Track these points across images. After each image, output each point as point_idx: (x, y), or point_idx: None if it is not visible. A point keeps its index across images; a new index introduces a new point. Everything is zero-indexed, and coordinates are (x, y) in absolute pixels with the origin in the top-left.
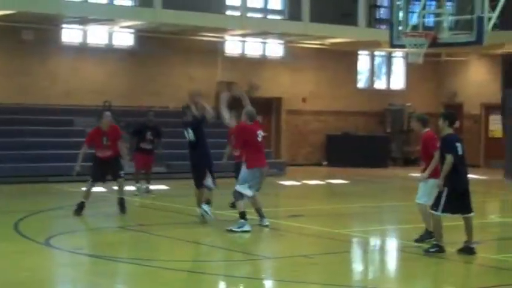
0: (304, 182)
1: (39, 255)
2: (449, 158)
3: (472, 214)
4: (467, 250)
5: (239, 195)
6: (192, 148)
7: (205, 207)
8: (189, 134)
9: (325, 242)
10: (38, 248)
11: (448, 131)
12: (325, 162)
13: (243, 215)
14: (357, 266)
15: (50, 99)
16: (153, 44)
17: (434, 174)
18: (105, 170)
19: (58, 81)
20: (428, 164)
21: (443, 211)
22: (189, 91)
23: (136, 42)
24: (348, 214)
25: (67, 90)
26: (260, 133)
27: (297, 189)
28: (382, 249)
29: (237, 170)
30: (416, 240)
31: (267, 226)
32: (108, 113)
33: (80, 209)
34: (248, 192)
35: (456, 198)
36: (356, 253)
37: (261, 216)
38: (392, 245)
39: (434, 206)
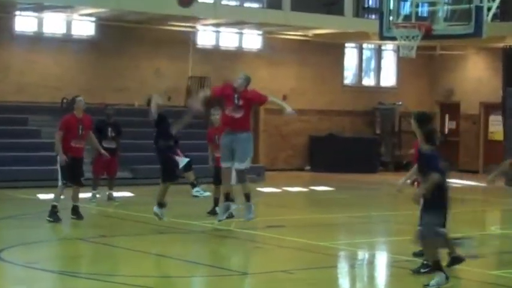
0: (285, 188)
1: None
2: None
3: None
4: (456, 260)
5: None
6: None
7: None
8: None
9: (308, 255)
10: None
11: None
12: (307, 167)
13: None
14: (343, 283)
15: (0, 95)
16: (117, 34)
17: None
18: (77, 170)
19: (10, 75)
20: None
21: None
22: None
23: (97, 32)
24: (333, 225)
25: (20, 85)
26: None
27: (277, 196)
28: (371, 264)
29: (216, 175)
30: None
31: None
32: (81, 98)
33: (54, 214)
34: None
35: None
36: (342, 268)
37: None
38: (381, 260)
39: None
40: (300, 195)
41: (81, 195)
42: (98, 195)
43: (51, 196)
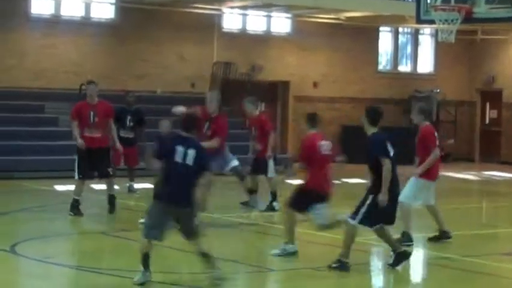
0: None
1: (3, 265)
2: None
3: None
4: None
5: None
6: None
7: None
8: None
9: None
10: (2, 255)
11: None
12: (339, 158)
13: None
14: (375, 281)
15: (16, 81)
16: (138, 18)
17: (426, 175)
18: (93, 164)
19: (26, 60)
20: (424, 160)
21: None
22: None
23: (117, 15)
24: None
25: (37, 71)
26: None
27: None
28: (407, 261)
29: (254, 166)
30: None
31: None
32: (93, 84)
33: (76, 208)
34: None
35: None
36: (374, 265)
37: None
38: (418, 256)
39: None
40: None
41: (97, 186)
42: (127, 184)
43: (68, 187)
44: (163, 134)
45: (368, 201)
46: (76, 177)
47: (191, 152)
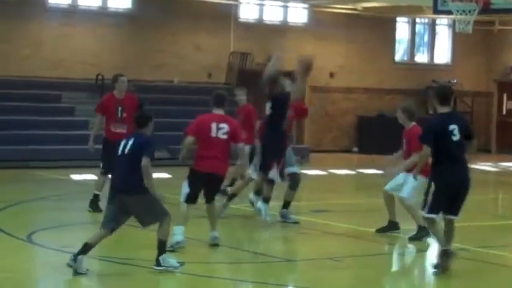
0: (331, 171)
1: (20, 254)
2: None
3: None
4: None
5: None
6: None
7: (260, 205)
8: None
9: (354, 242)
10: (19, 244)
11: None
12: (355, 149)
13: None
14: (392, 273)
15: (33, 71)
16: (155, 7)
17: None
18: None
19: (43, 50)
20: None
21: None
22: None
23: (134, 5)
24: (382, 210)
25: (53, 61)
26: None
27: (322, 179)
28: (422, 252)
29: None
30: (410, 238)
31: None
32: (124, 78)
33: (95, 204)
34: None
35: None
36: (391, 256)
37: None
38: (434, 248)
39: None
40: (347, 178)
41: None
42: None
43: (85, 177)
44: None
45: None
46: (100, 170)
47: (130, 142)
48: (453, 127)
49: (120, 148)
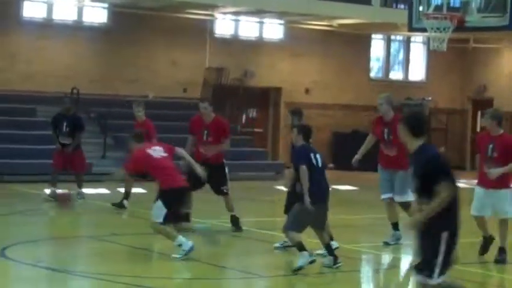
0: None
1: None
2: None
3: None
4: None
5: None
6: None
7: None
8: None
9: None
10: None
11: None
12: (331, 165)
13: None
14: None
15: (7, 84)
16: (130, 22)
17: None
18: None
19: (18, 63)
20: None
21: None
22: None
23: (110, 19)
24: (356, 226)
25: (28, 74)
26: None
27: None
28: (395, 268)
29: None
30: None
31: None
32: (205, 104)
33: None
34: None
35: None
36: (365, 273)
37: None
38: (407, 264)
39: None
40: None
41: (89, 190)
42: (76, 191)
43: (58, 191)
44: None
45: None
46: None
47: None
48: None
49: (316, 161)
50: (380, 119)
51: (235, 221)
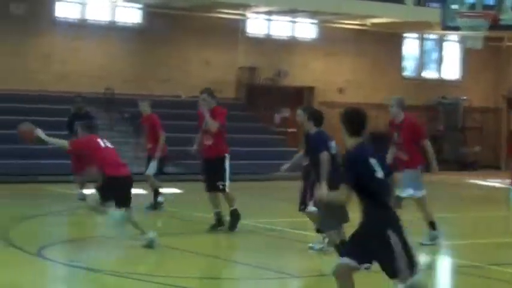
0: None
1: (30, 268)
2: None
3: None
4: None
5: None
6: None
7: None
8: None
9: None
10: (29, 259)
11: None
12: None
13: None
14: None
15: (42, 85)
16: (163, 22)
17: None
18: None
19: (52, 64)
20: None
21: None
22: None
23: (143, 20)
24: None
25: (62, 74)
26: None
27: None
28: (433, 270)
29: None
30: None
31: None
32: (204, 95)
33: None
34: None
35: None
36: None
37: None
38: (445, 265)
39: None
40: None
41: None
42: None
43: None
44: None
45: None
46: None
47: None
48: None
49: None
50: (392, 122)
51: (233, 217)
